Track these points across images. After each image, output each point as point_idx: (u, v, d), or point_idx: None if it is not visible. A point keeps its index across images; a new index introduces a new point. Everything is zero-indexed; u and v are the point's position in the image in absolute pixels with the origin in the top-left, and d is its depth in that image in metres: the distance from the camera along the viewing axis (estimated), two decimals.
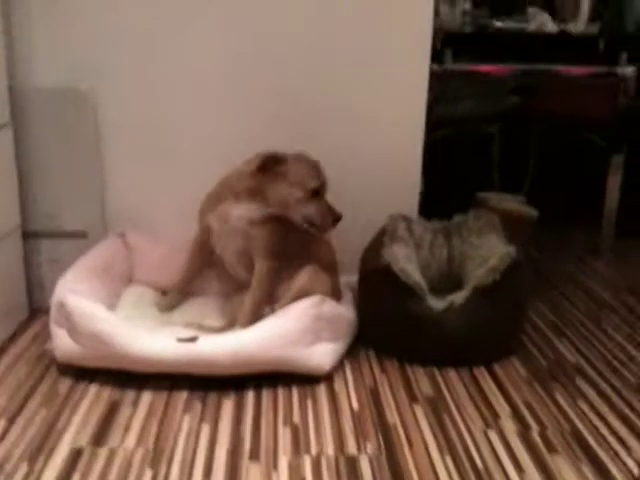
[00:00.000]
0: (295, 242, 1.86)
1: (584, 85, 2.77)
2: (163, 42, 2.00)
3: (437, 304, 1.77)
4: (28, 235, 2.03)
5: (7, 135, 1.87)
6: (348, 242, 1.98)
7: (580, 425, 1.54)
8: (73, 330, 1.66)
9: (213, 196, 1.90)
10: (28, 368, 1.75)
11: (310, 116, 2.06)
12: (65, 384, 1.67)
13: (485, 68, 2.65)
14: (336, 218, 1.80)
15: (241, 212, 1.83)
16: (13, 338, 1.90)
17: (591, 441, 1.48)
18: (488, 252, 1.85)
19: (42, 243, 2.05)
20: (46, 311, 1.79)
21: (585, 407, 1.62)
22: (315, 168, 1.82)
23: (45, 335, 1.88)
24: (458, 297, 1.78)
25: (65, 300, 1.67)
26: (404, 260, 1.81)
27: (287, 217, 1.82)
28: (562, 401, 1.64)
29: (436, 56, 2.21)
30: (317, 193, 1.80)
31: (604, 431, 1.52)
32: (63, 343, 1.69)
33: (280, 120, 2.05)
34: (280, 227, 1.84)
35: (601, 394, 1.68)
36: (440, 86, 2.34)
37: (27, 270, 2.03)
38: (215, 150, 2.07)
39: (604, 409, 1.61)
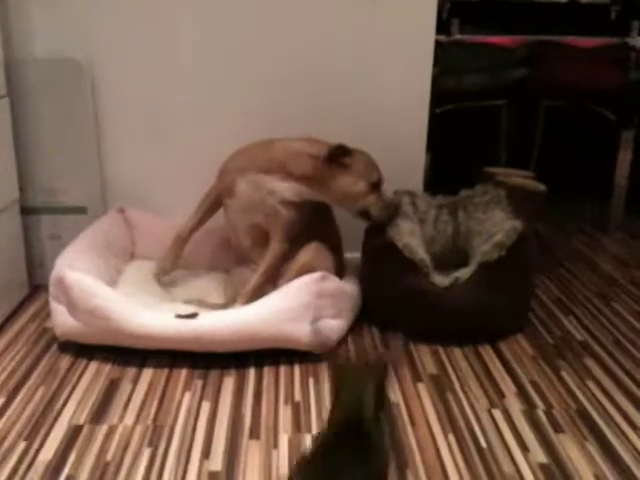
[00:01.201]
0: (309, 223, 1.83)
1: (594, 56, 2.71)
2: (163, 13, 1.96)
3: (441, 280, 1.74)
4: (28, 211, 2.00)
5: (4, 108, 1.84)
6: (352, 218, 1.94)
7: (587, 404, 1.51)
8: (72, 306, 1.64)
9: (249, 158, 1.81)
10: (28, 345, 1.73)
11: (312, 91, 2.02)
12: (65, 361, 1.66)
13: (492, 39, 2.59)
14: (392, 212, 1.82)
15: (280, 189, 1.78)
16: (13, 315, 1.89)
17: (598, 420, 1.45)
18: (494, 227, 1.81)
19: (42, 219, 2.03)
20: (47, 288, 1.76)
21: (592, 385, 1.59)
22: (374, 162, 1.81)
23: (46, 312, 1.86)
24: (463, 273, 1.75)
25: (64, 276, 1.64)
26: (408, 235, 1.77)
27: (338, 207, 1.82)
28: (569, 379, 1.61)
29: (442, 27, 2.16)
30: (377, 186, 1.79)
31: (611, 410, 1.49)
32: (63, 320, 1.67)
33: (280, 94, 2.01)
34: (307, 213, 1.81)
35: (608, 372, 1.65)
36: (446, 58, 2.29)
37: (27, 246, 2.01)
38: (216, 124, 2.04)
39: (611, 387, 1.58)
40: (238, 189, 1.81)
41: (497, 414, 1.47)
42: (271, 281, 1.84)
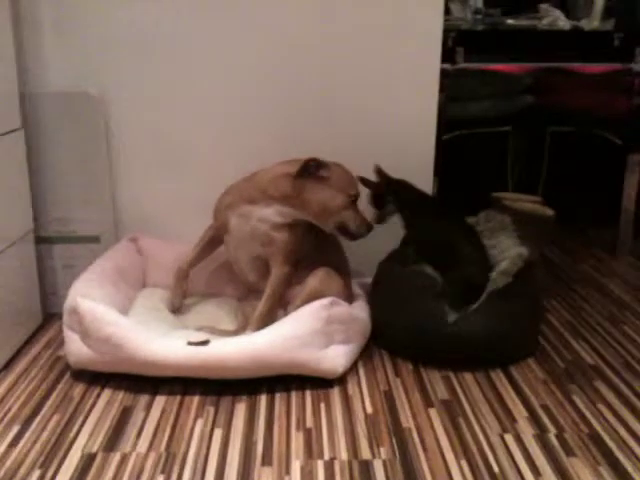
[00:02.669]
0: (309, 246, 1.85)
1: (599, 82, 2.74)
2: (173, 46, 2.01)
3: (452, 316, 1.74)
4: (41, 240, 2.03)
5: (19, 140, 1.88)
6: (362, 245, 1.96)
7: (599, 428, 1.51)
8: (85, 334, 1.66)
9: (236, 193, 1.86)
10: (42, 373, 1.75)
11: (319, 118, 2.05)
12: (78, 389, 1.67)
13: (498, 67, 2.63)
14: (370, 228, 1.82)
15: (267, 215, 1.81)
16: (27, 343, 1.90)
17: (610, 444, 1.45)
18: (500, 254, 1.82)
19: (55, 248, 2.06)
20: (60, 316, 1.79)
21: (604, 409, 1.59)
22: (353, 176, 1.83)
23: (59, 340, 1.88)
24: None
25: (77, 304, 1.67)
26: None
27: (318, 224, 1.81)
28: (580, 403, 1.61)
29: (448, 55, 2.19)
30: (354, 201, 1.81)
31: (623, 434, 1.49)
32: (76, 348, 1.69)
33: (289, 123, 2.05)
34: (301, 233, 1.83)
35: (620, 396, 1.65)
36: (452, 86, 2.33)
37: (41, 275, 2.04)
38: (225, 153, 2.07)
39: (623, 411, 1.58)
40: (231, 224, 1.85)
41: (509, 439, 1.47)
42: (280, 306, 1.86)
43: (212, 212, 1.92)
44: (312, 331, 1.65)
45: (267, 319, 1.79)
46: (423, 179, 2.10)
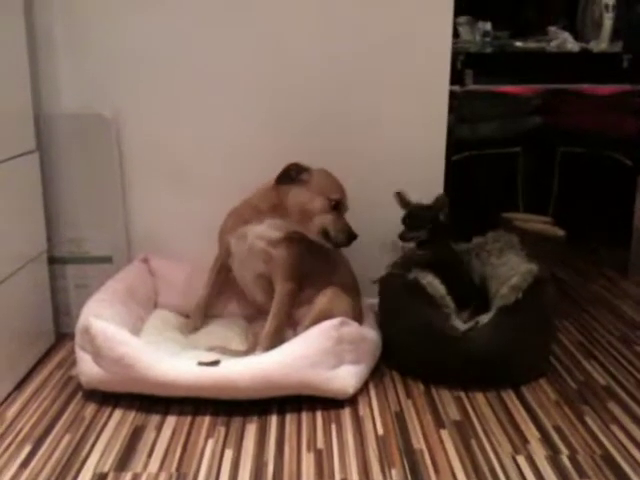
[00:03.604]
0: (314, 264, 1.86)
1: (608, 104, 2.75)
2: (186, 69, 2.03)
3: (461, 325, 1.74)
4: (54, 260, 2.05)
5: (34, 161, 1.90)
6: (369, 264, 1.97)
7: (612, 449, 1.49)
8: (97, 354, 1.66)
9: (234, 216, 1.91)
10: (54, 393, 1.75)
11: (329, 139, 2.06)
12: (90, 409, 1.67)
13: (507, 88, 2.65)
14: (352, 236, 1.81)
15: (262, 231, 1.84)
16: (40, 363, 1.91)
17: (623, 465, 1.43)
18: (510, 271, 1.83)
19: (68, 268, 2.08)
20: (73, 336, 1.80)
21: (617, 430, 1.57)
22: (338, 182, 1.85)
23: (71, 360, 1.88)
24: (483, 318, 1.75)
25: (89, 325, 1.68)
26: (431, 276, 1.79)
27: (303, 230, 1.82)
28: (592, 424, 1.60)
29: (457, 77, 2.21)
30: (337, 206, 1.81)
31: (637, 454, 1.47)
32: (88, 368, 1.70)
33: (298, 143, 2.05)
34: (300, 248, 1.84)
35: (633, 417, 1.63)
36: (462, 107, 2.34)
37: (54, 295, 2.05)
38: (236, 174, 2.08)
39: (636, 432, 1.56)
40: (232, 247, 1.89)
41: (521, 460, 1.45)
42: (289, 326, 1.86)
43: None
44: (322, 351, 1.65)
45: (275, 338, 1.80)
46: None
